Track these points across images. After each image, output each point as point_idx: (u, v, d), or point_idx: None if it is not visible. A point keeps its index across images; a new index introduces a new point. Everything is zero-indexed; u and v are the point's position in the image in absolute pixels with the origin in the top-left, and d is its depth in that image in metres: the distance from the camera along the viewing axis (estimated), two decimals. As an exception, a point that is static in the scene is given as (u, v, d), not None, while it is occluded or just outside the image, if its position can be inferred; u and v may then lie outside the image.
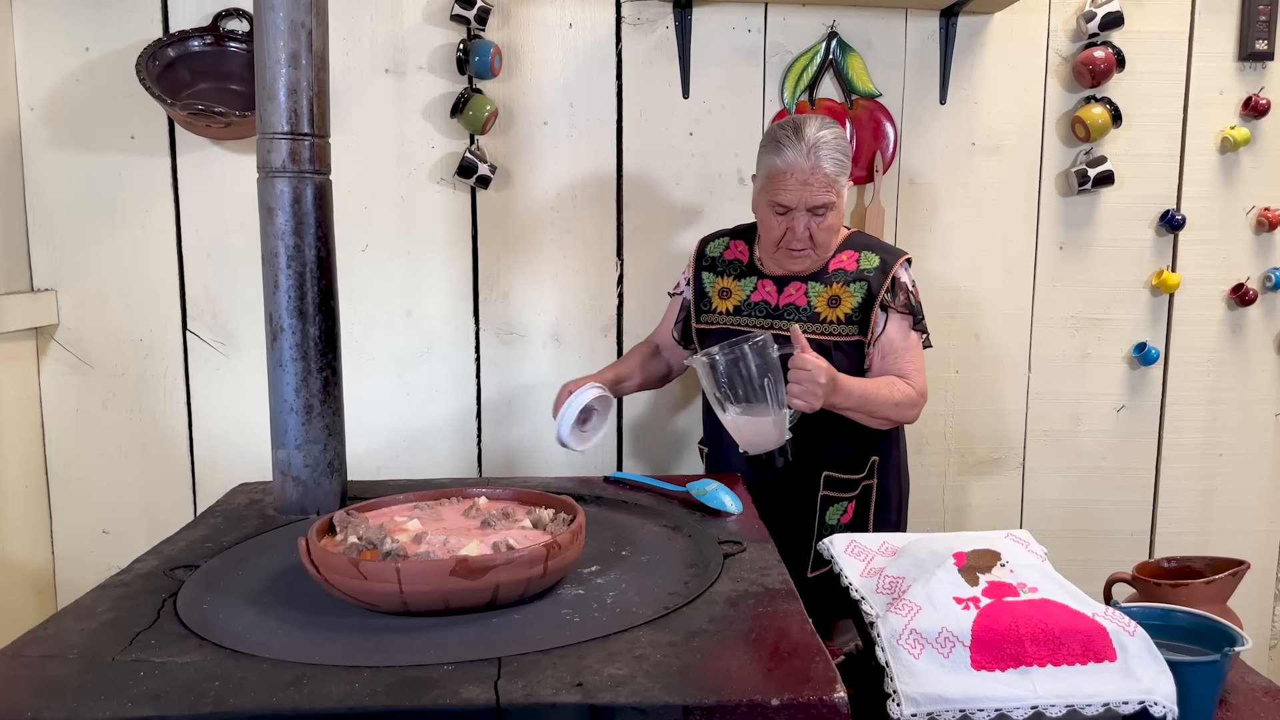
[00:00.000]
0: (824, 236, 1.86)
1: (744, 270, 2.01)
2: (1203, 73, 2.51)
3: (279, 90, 1.45)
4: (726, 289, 2.01)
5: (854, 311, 1.89)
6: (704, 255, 2.07)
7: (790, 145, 1.82)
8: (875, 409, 1.83)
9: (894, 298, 1.90)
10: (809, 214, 1.83)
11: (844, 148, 1.85)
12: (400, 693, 0.88)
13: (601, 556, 1.27)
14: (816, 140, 1.81)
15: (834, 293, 1.90)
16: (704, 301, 2.03)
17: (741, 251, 2.03)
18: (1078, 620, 1.18)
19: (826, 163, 1.80)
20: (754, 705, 0.86)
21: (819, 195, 1.81)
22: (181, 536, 1.39)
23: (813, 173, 1.80)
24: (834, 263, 1.94)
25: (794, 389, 1.69)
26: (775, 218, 1.86)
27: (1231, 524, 2.66)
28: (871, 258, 1.92)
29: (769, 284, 1.96)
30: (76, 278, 2.41)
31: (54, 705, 0.87)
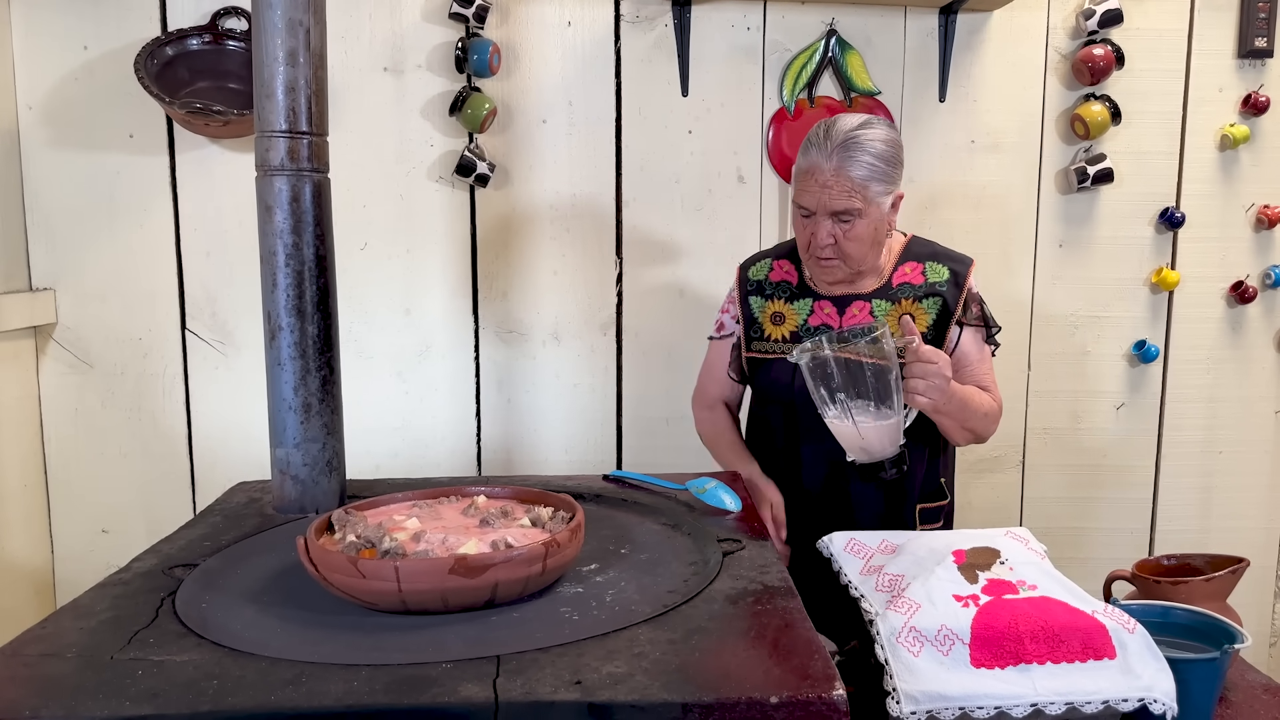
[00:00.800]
0: (852, 247, 1.70)
1: (795, 292, 1.84)
2: (1202, 70, 2.51)
3: (277, 88, 1.45)
4: (779, 313, 1.84)
5: (929, 330, 1.75)
6: (748, 280, 1.89)
7: (815, 144, 1.70)
8: (971, 416, 1.70)
9: (967, 312, 1.77)
10: (833, 220, 1.69)
11: (883, 152, 1.68)
12: (399, 691, 0.88)
13: (601, 554, 1.27)
14: (846, 140, 1.66)
15: (905, 310, 1.76)
16: (755, 329, 1.86)
17: (789, 272, 1.86)
18: (1077, 618, 1.18)
19: (853, 165, 1.65)
20: (753, 703, 0.86)
21: (839, 200, 1.66)
22: (180, 535, 1.39)
23: (834, 175, 1.65)
24: (897, 276, 1.79)
25: (917, 384, 1.54)
26: (801, 221, 1.74)
27: (1231, 521, 2.66)
28: (939, 269, 1.78)
29: (828, 305, 1.80)
30: (75, 277, 2.41)
31: (52, 704, 0.87)
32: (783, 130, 2.47)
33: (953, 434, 1.75)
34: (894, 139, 1.72)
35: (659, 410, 2.56)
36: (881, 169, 1.68)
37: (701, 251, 2.51)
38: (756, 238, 2.51)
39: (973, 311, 1.78)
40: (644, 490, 1.61)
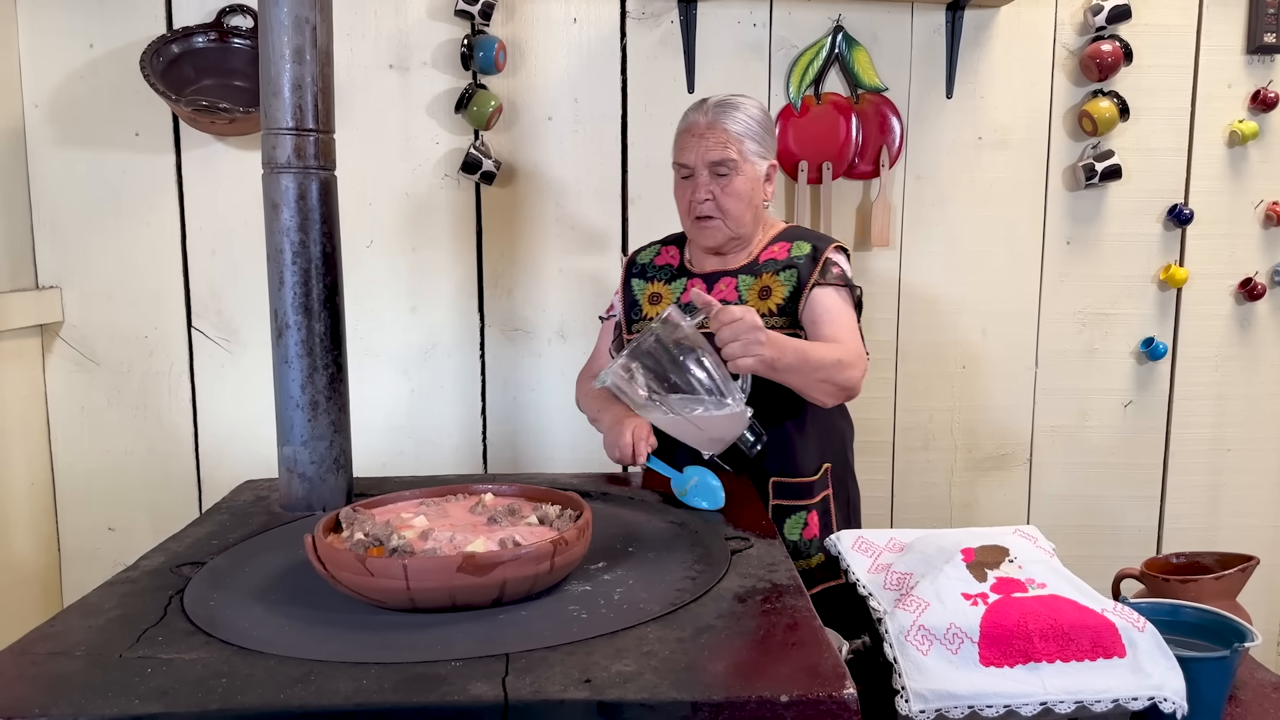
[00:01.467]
0: (731, 203, 1.77)
1: (674, 273, 1.91)
2: (1211, 66, 2.50)
3: (283, 85, 1.45)
4: (657, 294, 1.90)
5: (785, 302, 1.78)
6: (634, 264, 1.98)
7: (692, 109, 1.81)
8: (818, 366, 1.61)
9: (826, 274, 1.78)
10: (711, 175, 1.76)
11: (757, 115, 1.80)
12: (408, 689, 0.88)
13: (608, 553, 1.27)
14: (721, 101, 1.78)
15: (765, 283, 1.80)
16: (635, 310, 1.92)
17: (673, 256, 1.95)
18: (1087, 616, 1.18)
19: (729, 120, 1.76)
20: (763, 702, 0.86)
21: (715, 150, 1.75)
22: (188, 533, 1.39)
23: (709, 128, 1.76)
24: (765, 254, 1.84)
25: (732, 347, 1.43)
26: (681, 185, 1.82)
27: (1240, 519, 2.65)
28: (803, 246, 1.83)
29: (699, 283, 1.86)
30: (81, 275, 2.41)
31: (61, 702, 0.87)
32: (789, 127, 2.47)
33: (810, 392, 1.66)
34: (767, 112, 1.84)
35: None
36: (756, 129, 1.79)
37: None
38: (763, 235, 2.51)
39: (832, 273, 1.79)
40: (651, 488, 1.61)
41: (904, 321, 2.56)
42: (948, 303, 2.55)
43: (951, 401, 2.59)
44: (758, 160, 1.80)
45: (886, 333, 2.56)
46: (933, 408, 2.59)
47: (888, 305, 2.55)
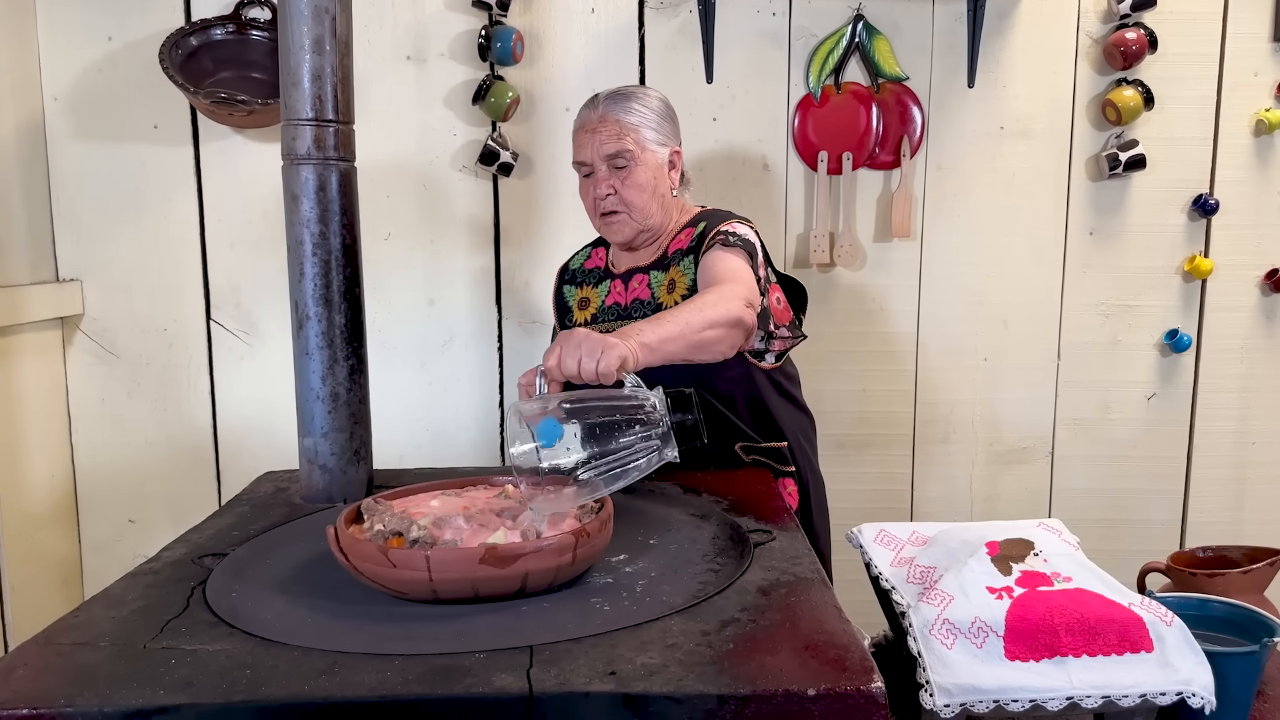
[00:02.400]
0: (632, 195, 1.73)
1: (600, 275, 1.89)
2: (1237, 54, 2.46)
3: (303, 76, 1.44)
4: (585, 298, 1.88)
5: (689, 290, 1.72)
6: (566, 270, 1.97)
7: (585, 108, 1.78)
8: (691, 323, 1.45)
9: (710, 243, 1.68)
10: (610, 169, 1.73)
11: (653, 104, 1.77)
12: (433, 681, 0.87)
13: (630, 545, 1.26)
14: (613, 94, 1.76)
15: (671, 276, 1.76)
16: (568, 317, 1.91)
17: (599, 258, 1.92)
18: (1114, 610, 1.17)
19: (620, 111, 1.73)
20: (790, 695, 0.85)
21: (609, 143, 1.72)
22: (209, 525, 1.39)
23: (601, 121, 1.73)
24: (673, 245, 1.79)
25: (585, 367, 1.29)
26: (583, 184, 1.79)
27: (1265, 513, 2.62)
28: (702, 227, 1.76)
29: (618, 283, 1.83)
30: (101, 268, 2.42)
31: (87, 693, 0.87)
32: (809, 117, 2.45)
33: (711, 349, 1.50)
34: (664, 99, 1.80)
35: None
36: (652, 118, 1.75)
37: (726, 240, 2.49)
38: (781, 226, 2.49)
39: (717, 239, 1.68)
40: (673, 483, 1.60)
41: (925, 313, 2.54)
42: (969, 294, 2.53)
43: (973, 394, 2.57)
44: (657, 148, 1.76)
45: (907, 325, 2.54)
46: (954, 400, 2.58)
47: (908, 297, 2.53)
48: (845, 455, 2.55)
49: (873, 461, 2.58)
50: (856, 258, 2.50)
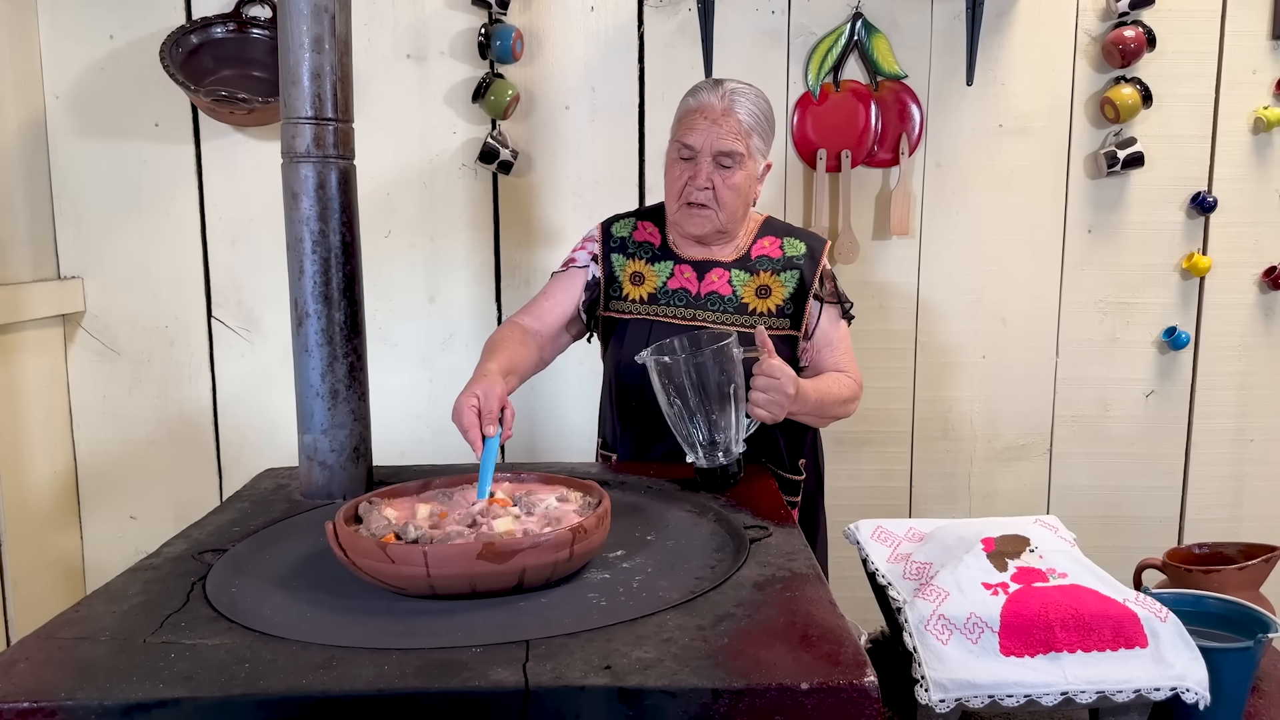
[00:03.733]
0: (728, 196, 1.72)
1: (657, 254, 1.84)
2: (1235, 52, 2.47)
3: (303, 75, 1.45)
4: (639, 273, 1.82)
5: (786, 303, 1.77)
6: (611, 236, 1.87)
7: (706, 89, 1.74)
8: (826, 410, 1.71)
9: (823, 287, 1.79)
10: (714, 164, 1.71)
11: (765, 109, 1.75)
12: (430, 675, 0.88)
13: (627, 541, 1.27)
14: (736, 88, 1.72)
15: (763, 282, 1.78)
16: (614, 287, 1.84)
17: (652, 234, 1.86)
18: (1108, 606, 1.17)
19: (742, 110, 1.71)
20: (784, 689, 0.86)
21: (726, 139, 1.69)
22: (209, 521, 1.40)
23: (724, 115, 1.69)
24: (756, 249, 1.81)
25: (758, 398, 1.53)
26: (679, 165, 1.74)
27: (1263, 510, 2.63)
28: (797, 244, 1.81)
29: (688, 269, 1.81)
30: (102, 265, 2.43)
31: (87, 686, 0.88)
32: (808, 115, 2.45)
33: (815, 420, 1.75)
34: (771, 105, 1.79)
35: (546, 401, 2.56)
36: (764, 124, 1.74)
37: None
38: (781, 224, 2.50)
39: (826, 287, 1.80)
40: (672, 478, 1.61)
41: (923, 311, 2.55)
42: (968, 292, 2.53)
43: (971, 391, 2.58)
44: (759, 157, 1.76)
45: (905, 322, 2.55)
46: (952, 397, 2.58)
47: (907, 295, 2.54)
48: (844, 452, 2.56)
49: (871, 458, 2.59)
50: (855, 255, 2.50)
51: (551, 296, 1.87)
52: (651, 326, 1.78)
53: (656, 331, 1.76)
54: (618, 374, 1.83)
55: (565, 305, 1.86)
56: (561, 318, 1.86)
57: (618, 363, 1.82)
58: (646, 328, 1.78)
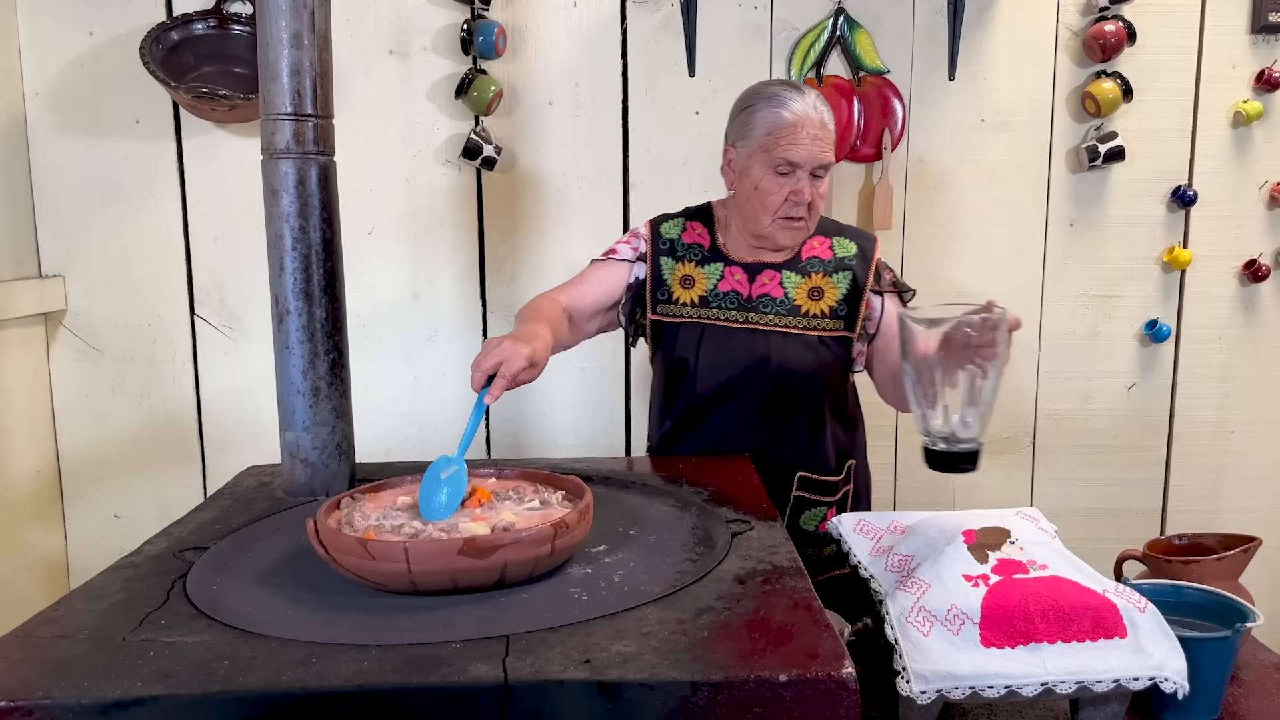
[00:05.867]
0: (819, 206, 1.73)
1: (707, 255, 1.81)
2: (1215, 46, 2.48)
3: (282, 71, 1.45)
4: (689, 276, 1.80)
5: (839, 304, 1.77)
6: (660, 237, 1.84)
7: (797, 98, 1.67)
8: None
9: (881, 280, 1.79)
10: (811, 177, 1.68)
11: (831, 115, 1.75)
12: (409, 670, 0.88)
13: (609, 536, 1.27)
14: (816, 95, 1.70)
15: (815, 284, 1.77)
16: (662, 290, 1.81)
17: (701, 235, 1.83)
18: (1088, 597, 1.18)
19: (829, 118, 1.70)
20: (762, 681, 0.86)
21: (826, 153, 1.68)
22: (191, 519, 1.39)
23: (821, 127, 1.67)
24: (806, 249, 1.79)
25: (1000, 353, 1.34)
26: (777, 179, 1.68)
27: (1243, 501, 2.65)
28: (847, 244, 1.80)
29: (738, 271, 1.79)
30: (84, 263, 2.42)
31: (65, 685, 0.87)
32: (791, 110, 2.46)
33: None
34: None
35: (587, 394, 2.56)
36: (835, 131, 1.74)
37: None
38: (765, 219, 2.50)
39: (885, 279, 1.80)
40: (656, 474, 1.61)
41: (906, 305, 2.55)
42: (950, 285, 2.54)
43: (954, 385, 2.59)
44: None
45: (889, 316, 2.56)
46: (936, 391, 2.59)
47: (890, 289, 2.55)
48: (829, 447, 2.56)
49: (856, 453, 2.60)
50: (839, 250, 2.50)
51: (587, 282, 1.84)
52: (703, 330, 1.77)
53: (708, 335, 1.77)
54: (668, 376, 1.83)
55: (600, 294, 1.83)
56: (594, 305, 1.82)
57: (668, 366, 1.82)
58: (698, 331, 1.77)
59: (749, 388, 1.75)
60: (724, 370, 1.75)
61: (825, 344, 1.77)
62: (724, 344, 1.76)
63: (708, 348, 1.76)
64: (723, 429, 1.78)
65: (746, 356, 1.75)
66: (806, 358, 1.75)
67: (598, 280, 1.84)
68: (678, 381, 1.81)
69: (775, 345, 1.75)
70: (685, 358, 1.78)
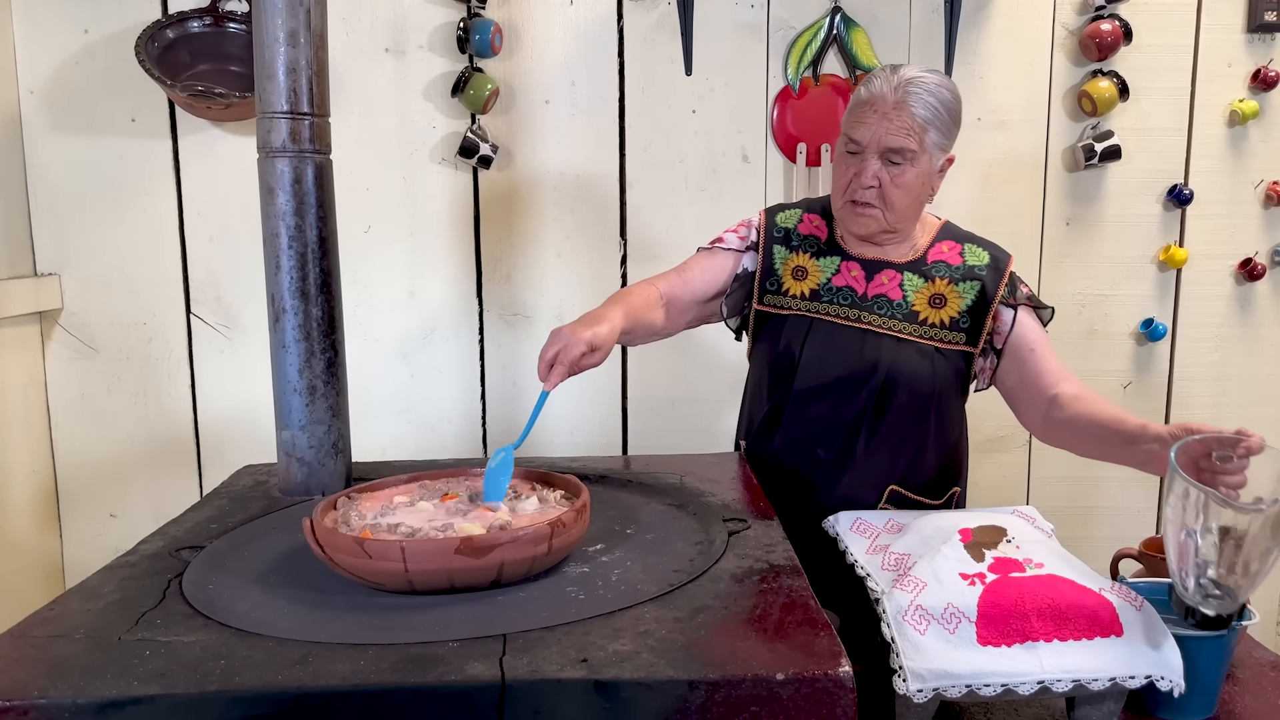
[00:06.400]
0: (897, 195, 1.59)
1: (823, 248, 1.71)
2: (1211, 45, 2.48)
3: (278, 69, 1.44)
4: (802, 268, 1.71)
5: (962, 316, 1.64)
6: (774, 225, 1.75)
7: (880, 77, 1.58)
8: None
9: (1016, 292, 1.65)
10: (882, 161, 1.57)
11: (948, 100, 1.58)
12: (405, 670, 0.88)
13: (606, 535, 1.27)
14: (913, 78, 1.56)
15: (938, 290, 1.65)
16: (771, 280, 1.72)
17: (818, 227, 1.74)
18: (1084, 595, 1.18)
19: (916, 103, 1.55)
20: (759, 680, 0.86)
21: (895, 135, 1.55)
22: (187, 518, 1.39)
23: (896, 108, 1.55)
24: (933, 253, 1.68)
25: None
26: (845, 160, 1.61)
27: (1239, 500, 2.65)
28: (979, 252, 1.68)
29: (855, 267, 1.68)
30: (80, 262, 2.41)
31: (61, 685, 0.87)
32: (787, 109, 2.46)
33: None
34: (958, 94, 1.61)
35: (664, 392, 2.56)
36: (944, 116, 1.58)
37: (706, 232, 2.48)
38: (761, 218, 2.50)
39: (1022, 291, 1.66)
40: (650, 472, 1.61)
41: (903, 304, 2.55)
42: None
43: (951, 384, 2.59)
44: (936, 152, 1.60)
45: (886, 315, 2.55)
46: (932, 390, 2.59)
47: (887, 288, 2.55)
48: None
49: (853, 451, 2.60)
50: (836, 249, 2.50)
51: (689, 271, 1.77)
52: (811, 324, 1.68)
53: (816, 330, 1.67)
54: (768, 370, 1.72)
55: (701, 285, 1.76)
56: (695, 295, 1.75)
57: (772, 359, 1.71)
58: (805, 325, 1.68)
59: (852, 390, 1.64)
60: (829, 368, 1.65)
61: (943, 355, 1.65)
62: (831, 341, 1.66)
63: (814, 343, 1.66)
64: (816, 428, 1.68)
65: (854, 357, 1.64)
66: (920, 367, 1.63)
67: (700, 270, 1.77)
68: (778, 376, 1.70)
69: (887, 349, 1.64)
70: (790, 350, 1.68)
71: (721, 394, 2.47)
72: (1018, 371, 1.64)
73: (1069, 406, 1.55)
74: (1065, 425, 1.55)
